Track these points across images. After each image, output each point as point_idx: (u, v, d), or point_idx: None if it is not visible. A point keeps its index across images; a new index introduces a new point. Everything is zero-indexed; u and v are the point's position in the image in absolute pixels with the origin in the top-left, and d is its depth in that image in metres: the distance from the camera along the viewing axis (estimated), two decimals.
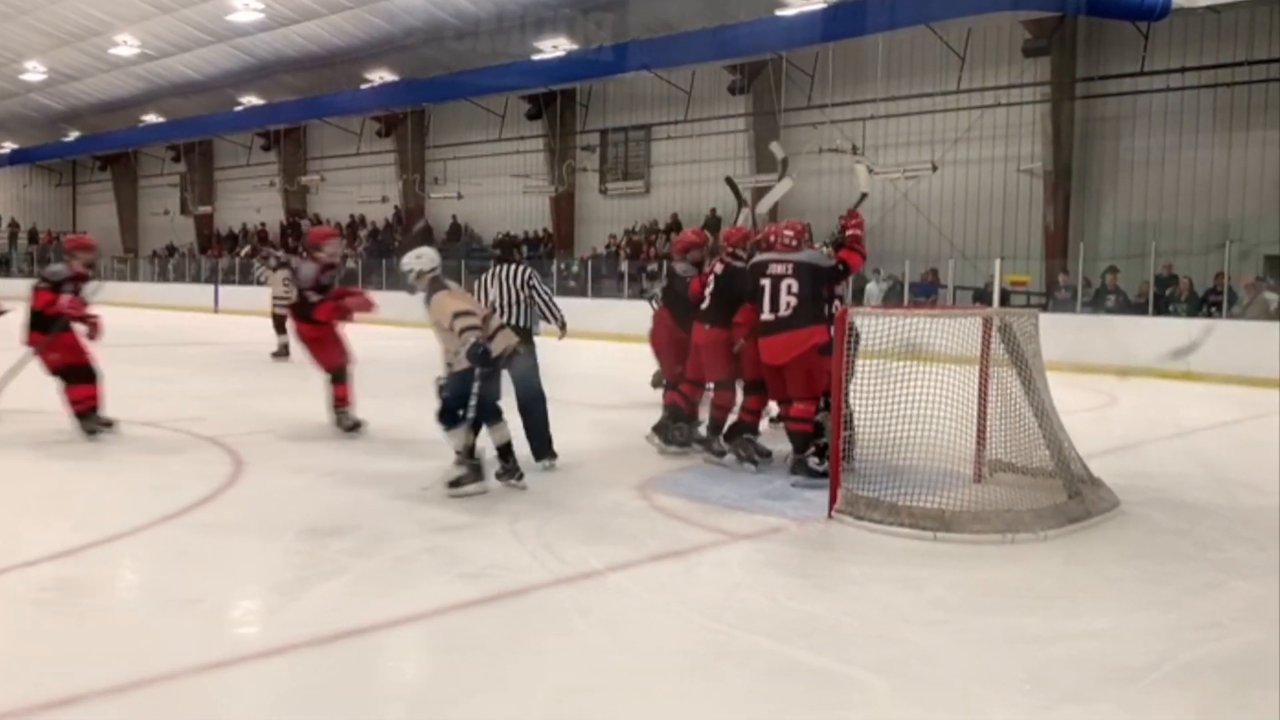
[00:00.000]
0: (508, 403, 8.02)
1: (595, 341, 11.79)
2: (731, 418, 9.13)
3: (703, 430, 9.41)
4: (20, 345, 9.50)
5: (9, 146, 48.23)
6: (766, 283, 8.40)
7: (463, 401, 7.54)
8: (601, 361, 10.69)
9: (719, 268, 9.17)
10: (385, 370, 13.30)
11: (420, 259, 7.87)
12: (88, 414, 9.60)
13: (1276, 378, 15.62)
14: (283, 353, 17.57)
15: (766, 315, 8.38)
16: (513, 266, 8.97)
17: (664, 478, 8.43)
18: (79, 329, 9.63)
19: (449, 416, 7.63)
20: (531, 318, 8.91)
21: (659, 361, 10.49)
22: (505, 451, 7.90)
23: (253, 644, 4.82)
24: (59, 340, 9.50)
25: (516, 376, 8.56)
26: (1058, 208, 22.46)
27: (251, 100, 37.58)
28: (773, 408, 9.58)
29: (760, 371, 8.74)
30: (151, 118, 41.64)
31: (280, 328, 17.60)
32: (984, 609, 5.46)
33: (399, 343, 12.47)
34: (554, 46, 28.01)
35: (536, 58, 28.51)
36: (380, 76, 33.02)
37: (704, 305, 9.14)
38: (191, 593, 5.45)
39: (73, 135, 45.75)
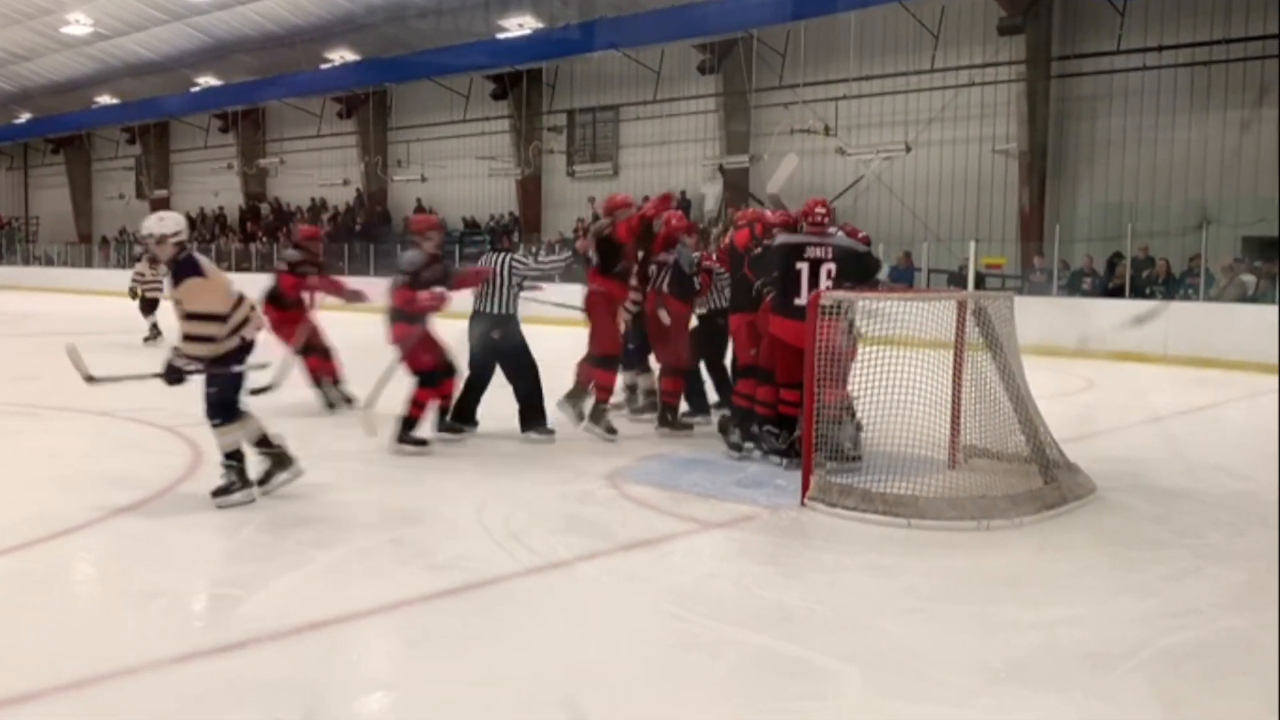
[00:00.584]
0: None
1: (562, 328, 11.79)
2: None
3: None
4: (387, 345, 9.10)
5: None
6: (804, 266, 8.18)
7: (235, 394, 6.99)
8: (570, 349, 10.67)
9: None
10: (343, 357, 13.21)
11: (163, 222, 6.95)
12: (444, 413, 9.43)
13: (1253, 361, 15.76)
14: (154, 335, 18.04)
15: (803, 300, 8.02)
16: (501, 254, 9.27)
17: (634, 466, 8.44)
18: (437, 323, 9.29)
19: (227, 411, 6.99)
20: (515, 303, 9.23)
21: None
22: (264, 442, 7.21)
23: (213, 638, 4.80)
24: (429, 339, 9.12)
25: (501, 357, 9.21)
26: (1033, 189, 22.51)
27: (208, 81, 37.36)
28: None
29: (772, 361, 8.57)
30: (105, 99, 41.32)
31: (148, 310, 17.83)
32: (958, 597, 5.50)
33: (357, 329, 12.35)
34: (519, 25, 27.94)
35: (501, 36, 28.42)
36: (341, 56, 32.86)
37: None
38: (149, 587, 5.42)
39: (24, 117, 45.38)
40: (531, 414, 9.32)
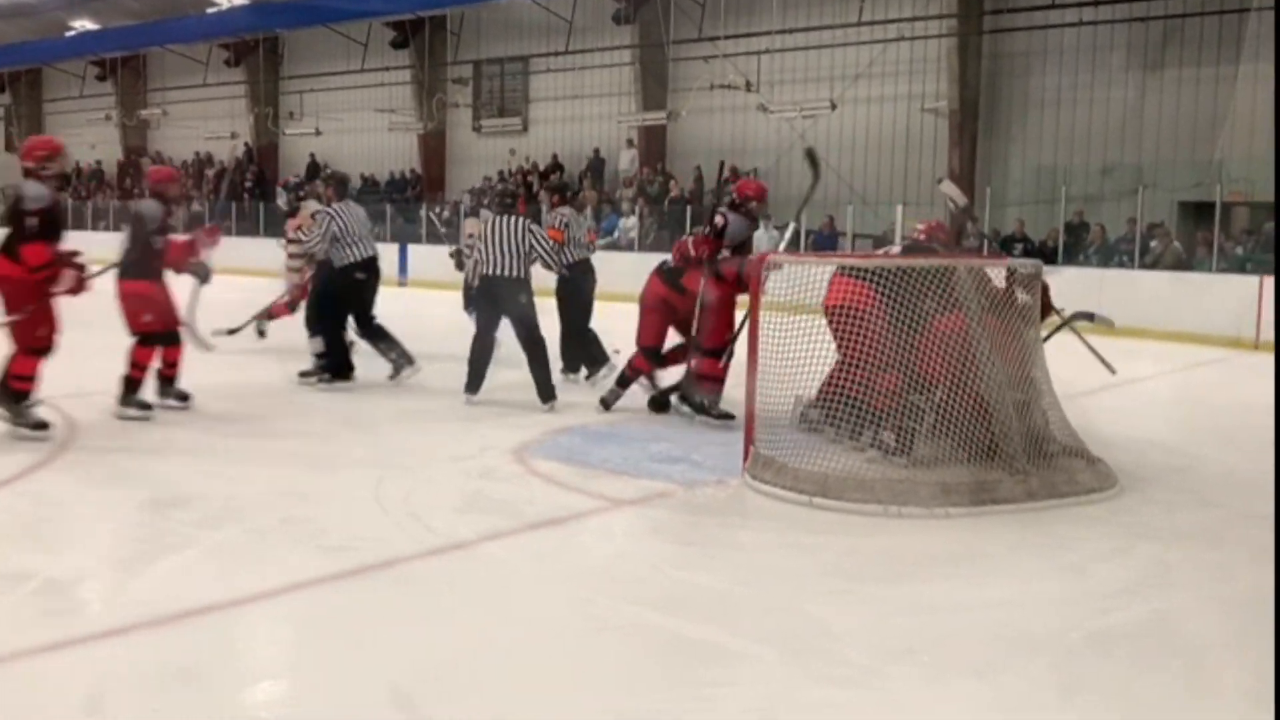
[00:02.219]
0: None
1: (457, 293, 11.80)
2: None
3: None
4: None
5: None
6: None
7: None
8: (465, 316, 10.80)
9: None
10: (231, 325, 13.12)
11: None
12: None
13: (1186, 331, 16.05)
14: None
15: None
16: (513, 219, 9.68)
17: (542, 440, 8.44)
18: None
19: None
20: (527, 268, 9.61)
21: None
22: None
23: (89, 624, 4.74)
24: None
25: (515, 324, 9.59)
26: (963, 150, 22.71)
27: (85, 24, 36.69)
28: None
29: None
30: None
31: None
32: (881, 577, 5.56)
33: (250, 295, 12.29)
34: None
35: None
36: None
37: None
38: (19, 568, 5.33)
39: None
40: (547, 387, 9.61)
